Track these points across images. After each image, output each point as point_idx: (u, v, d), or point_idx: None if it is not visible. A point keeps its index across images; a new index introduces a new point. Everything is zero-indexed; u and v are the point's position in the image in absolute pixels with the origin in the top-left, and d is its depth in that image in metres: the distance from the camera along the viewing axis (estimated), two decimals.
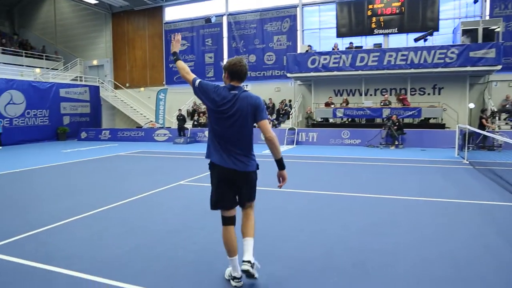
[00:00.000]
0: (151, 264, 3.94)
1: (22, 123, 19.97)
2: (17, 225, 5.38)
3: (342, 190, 7.32)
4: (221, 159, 3.33)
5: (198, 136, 18.96)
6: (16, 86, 19.64)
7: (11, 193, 7.76)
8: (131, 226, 5.25)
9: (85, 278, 3.62)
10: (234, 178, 3.37)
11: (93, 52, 26.08)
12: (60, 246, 4.54)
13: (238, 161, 3.33)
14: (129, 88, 24.75)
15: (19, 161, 12.76)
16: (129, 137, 20.75)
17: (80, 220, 5.59)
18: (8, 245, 4.58)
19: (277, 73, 20.76)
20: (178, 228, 5.16)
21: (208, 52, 22.56)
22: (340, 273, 3.64)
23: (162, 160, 12.44)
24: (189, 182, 8.36)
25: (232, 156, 3.32)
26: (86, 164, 11.87)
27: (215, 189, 3.47)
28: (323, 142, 16.47)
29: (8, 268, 3.91)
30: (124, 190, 7.60)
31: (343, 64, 17.39)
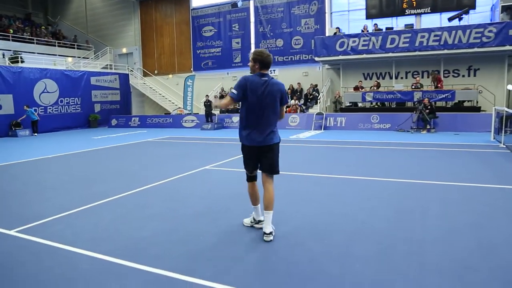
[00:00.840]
0: (173, 247, 3.95)
1: (55, 111, 20.66)
2: (48, 207, 5.55)
3: (371, 175, 7.12)
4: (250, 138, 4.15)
5: (225, 122, 19.00)
6: (49, 75, 20.27)
7: (44, 177, 8.02)
8: (156, 210, 5.30)
9: (109, 260, 3.66)
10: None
11: (122, 41, 26.48)
12: (86, 228, 4.63)
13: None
14: (158, 75, 25.03)
15: (53, 147, 13.21)
16: (157, 124, 21.07)
17: (106, 204, 5.69)
18: (38, 227, 4.73)
19: (305, 57, 20.40)
20: (202, 211, 5.16)
21: (235, 37, 22.41)
22: (363, 260, 3.52)
23: (190, 146, 12.54)
24: (215, 167, 8.38)
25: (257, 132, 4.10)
26: (116, 150, 12.14)
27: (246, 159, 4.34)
28: (352, 127, 16.14)
29: (36, 249, 4.03)
30: (151, 175, 7.70)
31: (372, 46, 16.86)
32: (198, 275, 3.28)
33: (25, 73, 19.19)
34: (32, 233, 4.51)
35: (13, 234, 4.51)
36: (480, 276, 3.14)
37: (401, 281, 3.10)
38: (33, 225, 4.79)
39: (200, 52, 23.54)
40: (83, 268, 3.53)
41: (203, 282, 3.16)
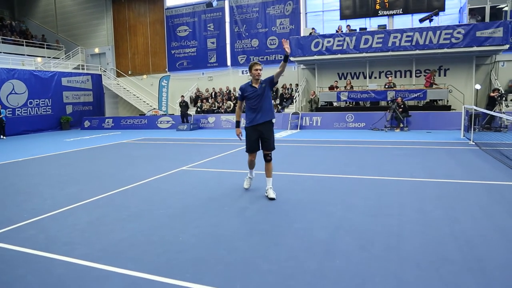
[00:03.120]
0: (151, 248, 3.88)
1: (24, 113, 19.97)
2: (19, 212, 5.35)
3: (347, 173, 7.21)
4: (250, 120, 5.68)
5: (201, 123, 18.86)
6: (17, 75, 19.58)
7: (13, 181, 7.73)
8: (133, 211, 5.19)
9: (86, 264, 3.56)
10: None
11: (95, 40, 25.89)
12: (60, 232, 4.49)
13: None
14: (132, 75, 24.61)
15: (23, 150, 12.76)
16: (132, 125, 20.70)
17: (81, 207, 5.54)
18: (9, 232, 4.54)
19: (280, 57, 20.50)
20: (180, 212, 5.10)
21: (210, 37, 22.30)
22: (345, 255, 3.56)
23: (165, 147, 12.38)
24: (192, 167, 8.29)
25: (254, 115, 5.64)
26: (89, 152, 11.85)
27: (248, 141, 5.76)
28: (327, 126, 16.33)
29: (8, 256, 3.87)
30: (127, 177, 7.55)
31: (347, 46, 17.12)
32: (178, 276, 3.23)
33: None
34: (3, 239, 4.33)
35: None
36: (455, 267, 3.23)
37: (380, 275, 3.14)
38: (3, 231, 4.60)
39: (175, 52, 23.29)
40: (59, 274, 3.41)
41: (183, 283, 3.11)
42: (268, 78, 5.57)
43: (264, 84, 5.51)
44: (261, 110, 5.51)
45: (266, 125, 5.56)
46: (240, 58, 21.57)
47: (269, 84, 5.54)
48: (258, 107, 5.50)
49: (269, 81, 5.55)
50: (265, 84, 5.52)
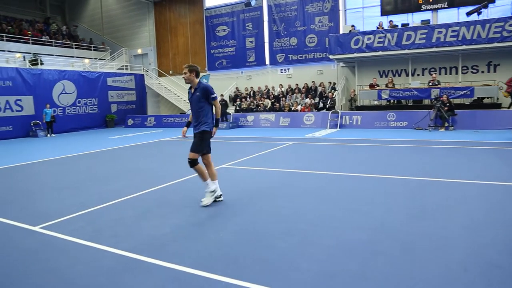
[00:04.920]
0: (193, 244, 3.99)
1: (73, 112, 21.02)
2: (68, 205, 5.65)
3: (388, 173, 7.05)
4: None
5: (240, 121, 19.02)
6: (67, 76, 20.65)
7: (64, 176, 8.16)
8: (175, 208, 5.35)
9: (131, 256, 3.72)
10: None
11: (138, 41, 26.76)
12: (106, 225, 4.70)
13: None
14: (173, 75, 25.23)
15: (72, 147, 13.44)
16: (173, 123, 21.23)
17: (125, 202, 5.77)
18: (60, 223, 4.82)
19: (319, 55, 20.30)
20: (220, 210, 5.19)
21: (249, 36, 22.43)
22: (387, 257, 3.49)
23: None
24: (232, 165, 8.40)
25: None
26: (133, 149, 12.28)
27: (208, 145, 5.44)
28: (368, 125, 15.99)
29: (60, 245, 4.11)
30: (169, 174, 7.77)
31: (388, 43, 16.68)
32: (219, 272, 3.30)
33: (45, 75, 19.58)
34: (55, 229, 4.60)
35: (38, 230, 4.61)
36: (504, 273, 3.09)
37: (425, 278, 3.06)
38: (55, 222, 4.89)
39: (214, 51, 23.63)
40: (106, 264, 3.58)
41: (224, 279, 3.17)
42: (205, 91, 5.19)
43: (198, 93, 5.19)
44: (194, 118, 5.33)
45: (196, 135, 5.31)
46: (278, 57, 21.55)
47: (203, 96, 5.19)
48: (193, 113, 5.37)
49: (203, 93, 5.18)
50: (200, 93, 5.18)
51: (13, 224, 4.92)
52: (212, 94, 5.24)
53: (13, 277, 3.41)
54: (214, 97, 5.26)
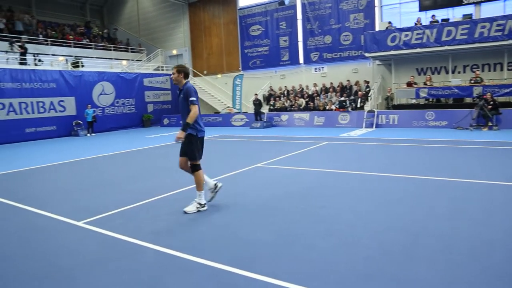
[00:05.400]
0: (231, 242, 4.01)
1: (112, 112, 21.72)
2: (108, 202, 5.84)
3: (429, 174, 6.82)
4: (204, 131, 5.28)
5: (274, 120, 18.99)
6: (106, 77, 21.38)
7: (105, 174, 8.44)
8: (211, 206, 5.40)
9: (171, 253, 3.79)
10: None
11: (173, 42, 27.27)
12: (145, 222, 4.82)
13: None
14: (207, 75, 25.55)
15: (112, 146, 13.88)
16: (207, 123, 21.50)
17: (162, 200, 5.89)
18: (102, 219, 4.99)
19: (354, 53, 19.93)
20: (256, 208, 5.20)
21: (283, 35, 22.34)
22: (426, 260, 3.38)
23: (240, 144, 12.68)
24: (267, 165, 8.40)
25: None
26: (168, 148, 12.53)
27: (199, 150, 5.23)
28: (405, 124, 15.55)
29: (102, 240, 4.25)
30: (205, 172, 7.85)
31: (427, 39, 16.14)
32: (258, 271, 3.29)
33: (85, 76, 20.36)
34: (98, 224, 4.77)
35: (81, 225, 4.79)
36: None
37: (466, 282, 2.94)
38: (97, 218, 5.06)
39: (248, 51, 23.72)
40: (147, 260, 3.66)
41: (263, 278, 3.17)
42: (186, 92, 4.96)
43: (182, 95, 5.03)
44: (182, 120, 5.13)
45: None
46: (312, 56, 21.35)
47: (185, 97, 4.99)
48: (180, 115, 5.21)
49: (185, 95, 4.97)
50: (183, 95, 5.01)
51: (59, 219, 5.13)
52: (191, 96, 4.91)
53: (61, 270, 3.55)
54: (192, 101, 4.90)
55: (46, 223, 5.05)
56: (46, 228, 4.85)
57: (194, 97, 4.93)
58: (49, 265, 3.69)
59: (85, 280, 3.33)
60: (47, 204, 5.92)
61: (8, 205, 6.07)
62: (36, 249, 4.15)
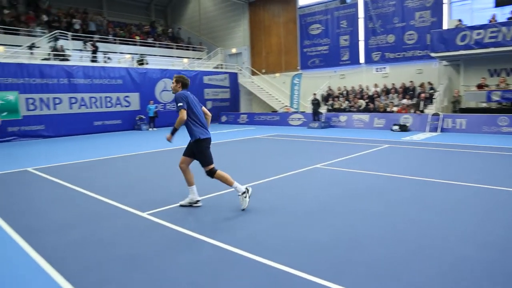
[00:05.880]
0: (291, 243, 3.98)
1: (173, 108, 22.52)
2: (169, 195, 6.05)
3: (501, 184, 6.32)
4: (208, 132, 5.33)
5: (332, 121, 18.66)
6: (168, 75, 22.24)
7: (166, 167, 8.76)
8: (271, 204, 5.41)
9: (229, 249, 3.84)
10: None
11: (232, 41, 27.72)
12: (207, 217, 4.93)
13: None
14: (265, 74, 25.68)
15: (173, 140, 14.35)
16: (265, 121, 21.64)
17: (224, 196, 5.99)
18: (166, 211, 5.18)
19: (419, 53, 19.02)
20: (315, 210, 5.12)
21: (343, 34, 21.87)
22: (504, 279, 3.12)
23: (298, 144, 12.59)
24: (325, 166, 8.27)
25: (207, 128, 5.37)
26: (228, 145, 12.76)
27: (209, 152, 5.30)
28: (474, 129, 14.57)
29: (165, 232, 4.40)
30: (264, 170, 7.91)
31: (502, 38, 14.98)
32: (319, 274, 3.24)
33: (149, 73, 21.34)
34: (161, 216, 4.96)
35: (146, 216, 5.00)
36: None
37: None
38: (161, 210, 5.26)
39: (307, 50, 23.50)
40: (206, 254, 3.74)
41: (324, 282, 3.11)
42: (176, 98, 5.14)
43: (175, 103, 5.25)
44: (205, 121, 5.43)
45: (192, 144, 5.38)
46: (374, 55, 20.69)
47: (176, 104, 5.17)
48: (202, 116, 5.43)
49: (175, 101, 5.16)
50: (175, 101, 5.23)
51: (125, 208, 5.41)
52: (178, 102, 5.06)
53: (126, 259, 3.73)
54: (179, 106, 5.05)
55: (113, 211, 5.34)
56: (113, 216, 5.12)
57: (181, 103, 5.05)
58: (119, 253, 3.89)
59: (151, 269, 3.46)
60: (114, 194, 6.26)
61: (80, 193, 6.49)
62: (105, 236, 4.39)
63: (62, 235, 4.45)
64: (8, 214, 5.40)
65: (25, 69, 16.79)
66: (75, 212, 5.40)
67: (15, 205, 5.91)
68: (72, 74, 18.24)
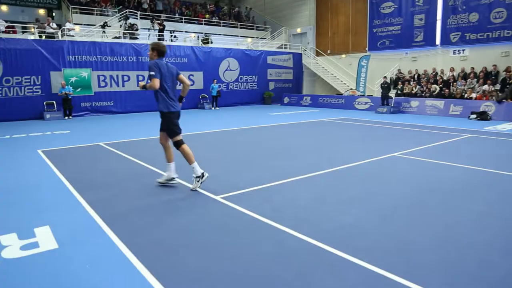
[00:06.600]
0: (383, 241, 3.55)
1: (236, 87, 22.50)
2: (245, 178, 5.81)
3: None
4: (177, 106, 5.25)
5: (402, 106, 17.53)
6: (232, 54, 22.12)
7: (235, 148, 8.58)
8: (352, 195, 4.98)
9: (314, 243, 3.50)
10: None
11: (297, 21, 26.91)
12: (284, 205, 4.60)
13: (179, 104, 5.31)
14: (330, 55, 24.73)
15: (237, 120, 14.30)
16: (329, 104, 20.89)
17: (299, 182, 5.64)
18: (240, 196, 4.94)
19: (507, 33, 17.13)
20: (403, 203, 4.62)
21: (418, 13, 20.27)
22: None
23: (367, 129, 11.88)
24: (403, 154, 7.61)
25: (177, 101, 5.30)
26: (294, 127, 12.38)
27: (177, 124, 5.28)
28: None
29: (242, 219, 4.16)
30: (337, 156, 7.46)
31: None
32: (424, 283, 2.80)
33: (213, 52, 21.34)
34: (236, 201, 4.72)
35: (220, 200, 4.80)
36: None
37: None
38: (234, 194, 5.04)
39: (376, 30, 22.16)
40: (291, 247, 3.44)
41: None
42: (149, 67, 4.95)
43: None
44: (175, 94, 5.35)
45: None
46: (452, 36, 18.99)
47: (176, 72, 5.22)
48: (173, 88, 5.30)
49: (148, 70, 4.98)
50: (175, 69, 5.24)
51: (199, 191, 5.24)
52: (151, 71, 4.89)
53: (197, 241, 3.52)
54: (151, 75, 4.89)
55: (185, 193, 5.20)
56: (188, 200, 4.97)
57: (153, 72, 4.90)
58: (196, 238, 3.71)
59: (231, 259, 3.22)
60: (184, 174, 6.15)
61: (150, 171, 6.47)
62: (183, 221, 4.25)
63: (136, 216, 4.38)
64: (82, 185, 5.48)
65: (97, 47, 17.42)
66: (148, 189, 5.35)
67: (86, 176, 6.01)
68: (140, 52, 18.66)
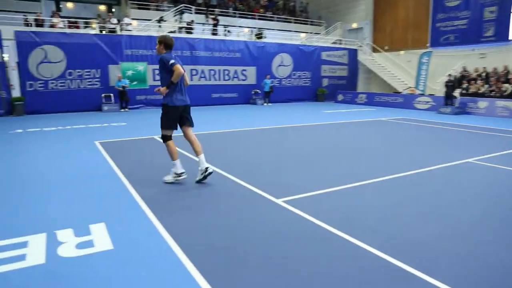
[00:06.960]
0: (473, 266, 3.06)
1: (288, 83, 22.10)
2: (308, 181, 5.49)
3: None
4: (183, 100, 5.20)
5: (468, 107, 16.27)
6: (286, 49, 21.76)
7: (298, 147, 8.22)
8: (425, 206, 4.48)
9: (393, 263, 3.10)
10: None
11: (353, 16, 25.96)
12: (357, 214, 4.20)
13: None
14: (388, 51, 23.60)
15: (290, 117, 13.94)
16: (386, 102, 19.92)
17: (368, 186, 5.22)
18: (302, 201, 4.60)
19: None
20: (492, 222, 4.05)
21: (489, 5, 18.71)
22: None
23: (431, 130, 11.05)
24: (479, 161, 6.89)
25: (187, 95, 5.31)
26: (352, 126, 11.84)
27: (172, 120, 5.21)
28: None
29: (305, 227, 3.81)
30: (403, 160, 6.91)
31: None
32: None
33: (267, 47, 21.06)
34: (299, 206, 4.41)
35: (281, 204, 4.50)
36: None
37: None
38: (297, 198, 4.72)
39: (440, 25, 20.76)
40: (367, 264, 3.06)
41: None
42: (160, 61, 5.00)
43: (159, 65, 5.12)
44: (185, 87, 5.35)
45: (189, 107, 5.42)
46: None
47: (161, 66, 5.06)
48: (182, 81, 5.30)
49: (160, 64, 5.03)
50: (159, 65, 5.10)
51: (258, 192, 4.97)
52: (169, 61, 4.87)
53: (261, 253, 3.22)
54: (172, 64, 4.86)
55: (242, 192, 4.95)
56: (248, 200, 4.71)
57: (172, 60, 4.89)
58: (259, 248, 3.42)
59: (302, 279, 2.90)
60: (240, 173, 5.91)
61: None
62: (243, 224, 3.99)
63: (191, 216, 4.17)
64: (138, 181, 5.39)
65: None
66: (203, 187, 5.16)
67: (141, 170, 5.93)
68: (194, 46, 18.78)
